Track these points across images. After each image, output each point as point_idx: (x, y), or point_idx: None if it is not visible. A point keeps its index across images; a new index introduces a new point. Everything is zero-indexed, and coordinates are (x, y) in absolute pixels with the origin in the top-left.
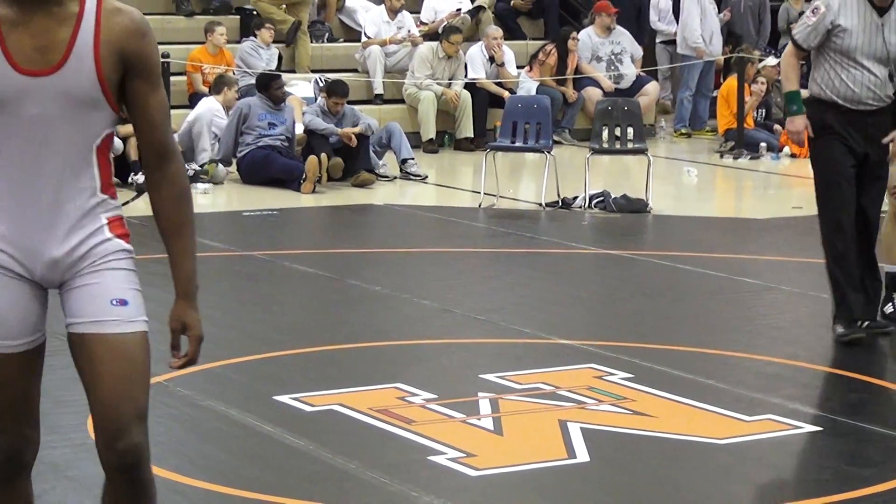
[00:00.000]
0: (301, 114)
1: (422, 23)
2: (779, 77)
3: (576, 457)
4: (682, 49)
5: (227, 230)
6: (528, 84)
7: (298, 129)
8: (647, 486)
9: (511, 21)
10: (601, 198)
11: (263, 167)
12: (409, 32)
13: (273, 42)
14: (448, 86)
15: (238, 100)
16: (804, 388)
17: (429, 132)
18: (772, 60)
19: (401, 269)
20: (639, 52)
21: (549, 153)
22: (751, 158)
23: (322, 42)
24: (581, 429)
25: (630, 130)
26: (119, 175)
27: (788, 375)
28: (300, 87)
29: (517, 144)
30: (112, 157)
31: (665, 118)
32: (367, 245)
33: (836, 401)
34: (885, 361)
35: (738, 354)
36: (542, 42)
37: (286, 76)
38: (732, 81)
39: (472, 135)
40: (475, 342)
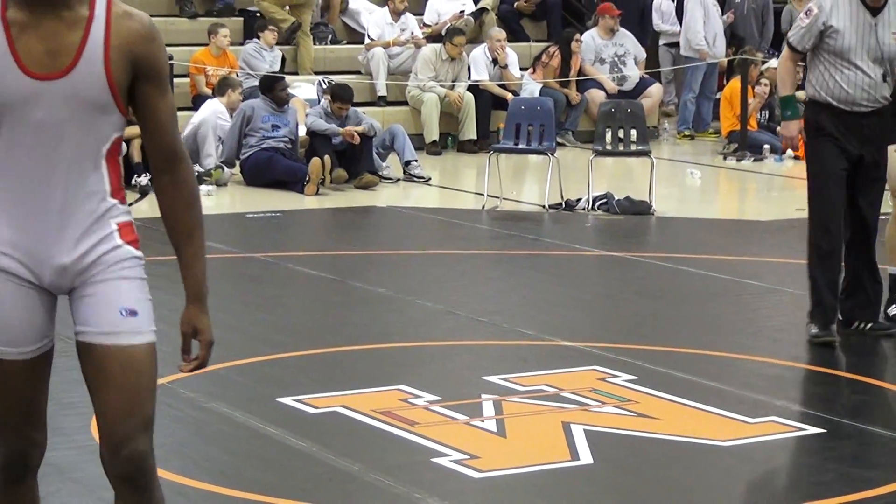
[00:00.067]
0: (304, 116)
1: (425, 25)
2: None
3: (579, 459)
4: (686, 51)
5: (231, 232)
6: (532, 86)
7: (302, 131)
8: (651, 488)
9: (514, 23)
10: (604, 200)
11: (267, 169)
12: (413, 34)
13: (276, 44)
14: (451, 88)
15: (242, 102)
16: (807, 391)
17: (432, 134)
18: (775, 62)
19: (404, 271)
20: (642, 54)
21: (553, 155)
22: (754, 160)
23: (325, 44)
24: (584, 431)
25: (633, 132)
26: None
27: (792, 377)
28: (303, 89)
29: (520, 146)
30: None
31: (668, 120)
32: (371, 247)
33: (840, 403)
34: (889, 364)
35: (742, 356)
36: (546, 44)
37: (289, 78)
38: (736, 83)
39: (476, 137)
40: (478, 344)
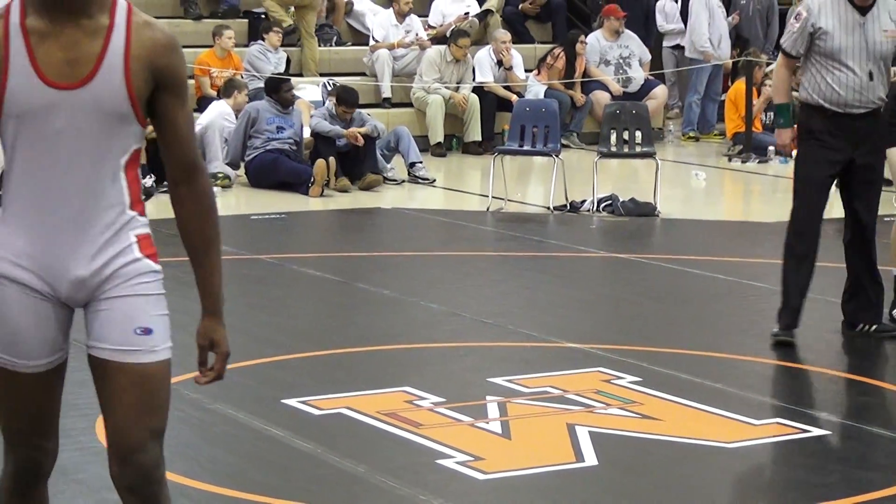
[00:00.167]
0: (309, 117)
1: (430, 26)
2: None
3: (584, 460)
4: (690, 53)
5: (236, 234)
6: (537, 88)
7: (306, 133)
8: (656, 490)
9: (519, 25)
10: (609, 201)
11: (272, 171)
12: (417, 36)
13: (281, 45)
14: (456, 89)
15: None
16: (812, 392)
17: (437, 136)
18: None
19: (409, 273)
20: (647, 56)
21: (557, 157)
22: (759, 162)
23: (330, 45)
24: (589, 432)
25: (638, 134)
26: None
27: (797, 379)
28: (308, 91)
29: (525, 148)
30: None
31: (673, 122)
32: (376, 248)
33: (844, 404)
34: (893, 365)
35: (746, 358)
36: (551, 46)
37: (294, 80)
38: (740, 85)
39: (480, 138)
40: (483, 345)
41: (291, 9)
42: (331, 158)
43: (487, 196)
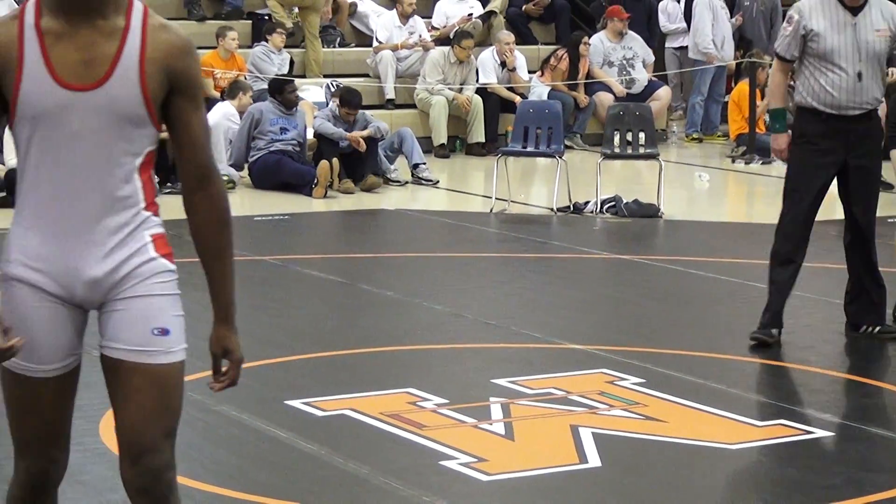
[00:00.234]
0: (313, 119)
1: (433, 28)
2: (791, 82)
3: (587, 462)
4: (694, 54)
5: (239, 235)
6: (540, 89)
7: (310, 134)
8: (659, 492)
9: (523, 26)
10: (612, 203)
11: (275, 172)
12: (421, 37)
13: (284, 47)
14: (459, 91)
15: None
16: (816, 394)
17: (440, 137)
18: None
19: (412, 274)
20: (650, 57)
21: (561, 158)
22: (762, 163)
23: (334, 47)
24: (593, 434)
25: (642, 135)
26: None
27: (800, 381)
28: (312, 92)
29: (529, 149)
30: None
31: (676, 123)
32: (379, 250)
33: (848, 406)
34: None
35: (750, 359)
36: (554, 47)
37: (298, 81)
38: (744, 86)
39: (484, 140)
40: (486, 347)
41: (295, 10)
42: (334, 160)
43: (491, 197)
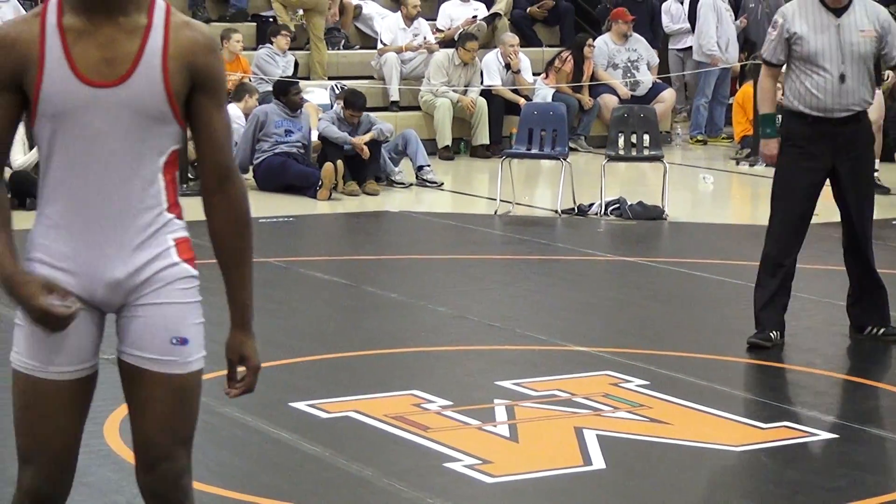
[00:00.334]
0: (317, 121)
1: (438, 30)
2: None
3: (592, 464)
4: (698, 56)
5: None
6: (544, 91)
7: (314, 136)
8: (663, 494)
9: (527, 28)
10: (617, 205)
11: (280, 174)
12: (425, 39)
13: (289, 49)
14: (464, 93)
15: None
16: (820, 396)
17: (445, 139)
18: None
19: (416, 276)
20: (655, 60)
21: (565, 160)
22: (767, 165)
23: (338, 49)
24: (597, 436)
25: (646, 137)
26: None
27: (804, 383)
28: (316, 94)
29: (533, 151)
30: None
31: (681, 125)
32: (383, 252)
33: (852, 408)
34: None
35: (754, 362)
36: (558, 49)
37: (302, 83)
38: (748, 88)
39: (488, 142)
40: (491, 349)
41: (299, 12)
42: (339, 162)
43: (495, 199)
